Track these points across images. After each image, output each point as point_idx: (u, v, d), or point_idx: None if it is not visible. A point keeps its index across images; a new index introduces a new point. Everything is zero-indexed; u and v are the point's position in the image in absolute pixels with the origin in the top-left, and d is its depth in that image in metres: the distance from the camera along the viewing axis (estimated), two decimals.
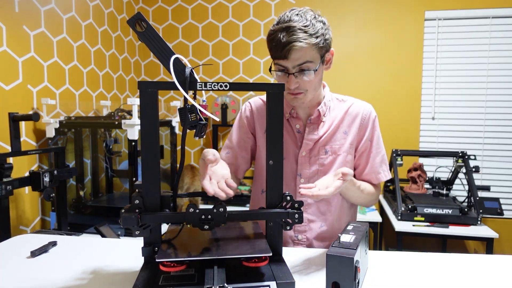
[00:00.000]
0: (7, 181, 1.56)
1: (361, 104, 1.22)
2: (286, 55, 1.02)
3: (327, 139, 1.17)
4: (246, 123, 1.25)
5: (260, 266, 0.79)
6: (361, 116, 1.19)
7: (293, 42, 0.99)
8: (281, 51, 1.02)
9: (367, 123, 1.19)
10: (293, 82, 1.05)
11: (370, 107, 1.22)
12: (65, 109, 2.31)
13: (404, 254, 1.05)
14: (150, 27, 0.79)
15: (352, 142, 1.18)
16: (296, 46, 1.00)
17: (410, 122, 2.98)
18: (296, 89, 1.08)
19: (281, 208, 0.86)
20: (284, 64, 1.04)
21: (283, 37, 1.00)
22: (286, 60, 1.03)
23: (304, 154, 1.17)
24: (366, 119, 1.19)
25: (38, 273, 0.91)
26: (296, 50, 1.01)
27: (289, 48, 1.00)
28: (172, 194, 0.85)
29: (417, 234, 2.25)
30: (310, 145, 1.16)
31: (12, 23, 1.89)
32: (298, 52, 1.01)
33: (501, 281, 0.89)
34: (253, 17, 3.15)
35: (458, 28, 2.89)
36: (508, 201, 2.87)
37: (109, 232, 1.70)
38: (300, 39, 0.99)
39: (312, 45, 1.01)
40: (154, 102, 0.79)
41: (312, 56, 1.03)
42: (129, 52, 3.12)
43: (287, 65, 1.04)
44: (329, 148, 1.17)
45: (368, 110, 1.20)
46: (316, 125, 1.17)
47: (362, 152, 1.20)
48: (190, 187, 2.64)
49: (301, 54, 1.01)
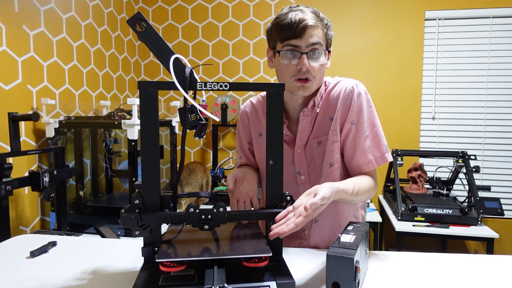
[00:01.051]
0: (7, 181, 1.56)
1: (345, 81, 1.10)
2: (299, 33, 0.99)
3: (317, 131, 1.10)
4: (246, 131, 1.27)
5: (260, 266, 0.79)
6: (343, 95, 1.07)
7: (307, 20, 0.99)
8: (295, 29, 0.99)
9: (349, 103, 1.06)
10: (306, 62, 1.00)
11: (353, 83, 1.08)
12: (64, 109, 2.31)
13: (404, 254, 1.05)
14: (150, 27, 0.79)
15: (334, 128, 1.08)
16: (311, 23, 0.99)
17: (410, 122, 2.98)
18: (306, 73, 1.02)
19: (281, 208, 0.86)
20: (297, 43, 1.00)
21: (295, 15, 1.00)
22: (299, 39, 1.00)
23: (299, 151, 1.13)
24: (348, 98, 1.06)
25: (38, 273, 0.91)
26: (310, 28, 0.99)
27: (304, 26, 0.99)
28: (172, 194, 0.85)
29: (417, 234, 2.25)
30: (304, 141, 1.12)
31: (12, 22, 1.89)
32: (312, 30, 1.00)
33: (501, 281, 0.88)
34: (253, 17, 3.15)
35: (458, 28, 2.89)
36: (508, 201, 2.87)
37: (109, 232, 1.70)
38: (313, 19, 1.00)
39: (322, 28, 1.02)
40: (154, 102, 0.79)
41: (322, 38, 1.02)
42: (129, 52, 3.12)
43: (300, 44, 1.00)
44: (320, 138, 1.10)
45: (350, 87, 1.07)
46: (309, 117, 1.10)
47: (346, 136, 1.08)
48: (185, 184, 2.65)
49: (314, 32, 1.00)
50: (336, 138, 1.08)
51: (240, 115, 1.28)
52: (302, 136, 1.12)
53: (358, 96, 1.07)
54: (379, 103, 2.98)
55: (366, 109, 1.08)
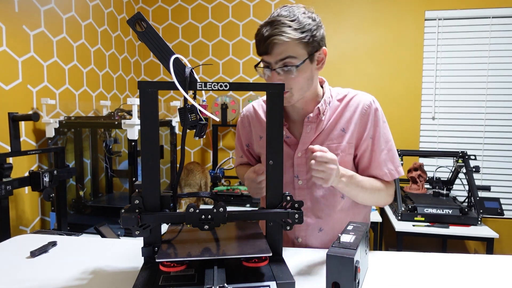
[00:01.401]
0: (7, 181, 1.56)
1: (362, 96, 1.13)
2: (267, 49, 0.99)
3: (323, 138, 1.11)
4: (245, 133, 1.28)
5: (260, 266, 0.79)
6: (360, 110, 1.10)
7: (274, 36, 0.97)
8: (263, 45, 0.99)
9: (367, 118, 1.10)
10: (275, 79, 1.01)
11: (371, 99, 1.12)
12: (65, 109, 2.31)
13: (404, 254, 1.05)
14: (150, 27, 0.79)
15: (350, 140, 1.10)
16: (277, 39, 0.96)
17: (410, 122, 2.98)
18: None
19: (281, 208, 0.86)
20: (267, 60, 1.02)
21: (266, 31, 0.98)
22: (269, 55, 1.00)
23: (299, 155, 1.12)
24: (366, 114, 1.10)
25: (38, 273, 0.91)
26: (277, 44, 0.97)
27: (270, 42, 0.97)
28: (172, 194, 0.85)
29: (417, 234, 2.25)
30: (306, 145, 1.11)
31: (12, 23, 1.89)
32: (280, 47, 0.97)
33: (501, 281, 0.88)
34: (253, 17, 3.15)
35: (458, 28, 2.89)
36: (508, 201, 2.87)
37: (109, 232, 1.70)
38: (282, 33, 0.96)
39: (295, 40, 0.97)
40: (154, 102, 0.79)
41: (295, 51, 0.99)
42: (129, 52, 3.12)
43: (269, 60, 1.01)
44: (326, 147, 1.09)
45: (368, 102, 1.11)
46: (314, 124, 1.11)
47: (364, 150, 1.11)
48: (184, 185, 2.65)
49: (283, 48, 0.98)
50: (351, 151, 1.11)
51: (241, 118, 1.29)
52: (305, 142, 1.12)
53: (375, 112, 1.11)
54: (379, 103, 2.98)
55: (381, 124, 1.12)
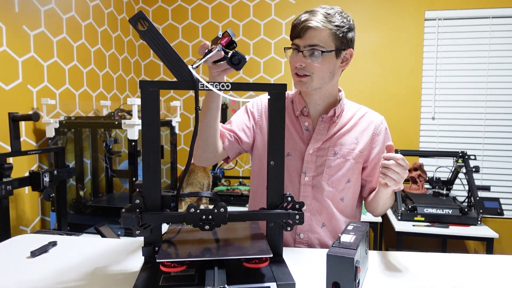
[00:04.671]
0: (7, 181, 1.56)
1: (374, 114, 1.24)
2: (300, 33, 1.06)
3: (336, 140, 1.16)
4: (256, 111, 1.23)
5: (261, 267, 0.79)
6: (374, 126, 1.20)
7: (310, 21, 1.04)
8: (297, 29, 1.07)
9: (378, 136, 1.20)
10: (300, 60, 1.07)
11: (383, 118, 1.24)
12: (65, 109, 2.31)
13: (404, 254, 1.05)
14: (152, 25, 0.79)
15: (362, 150, 1.17)
16: (312, 24, 1.04)
17: (410, 122, 2.98)
18: (302, 70, 1.08)
19: (281, 209, 0.86)
20: (297, 43, 1.08)
21: (303, 17, 1.07)
22: (300, 39, 1.07)
23: (311, 152, 1.16)
24: (378, 131, 1.20)
25: (38, 273, 0.91)
26: (310, 29, 1.04)
27: (305, 25, 1.05)
28: (173, 193, 0.85)
29: (417, 234, 2.25)
30: (318, 144, 1.16)
31: (12, 23, 1.89)
32: (312, 32, 1.04)
33: (501, 281, 0.89)
34: (253, 17, 3.15)
35: (458, 28, 2.89)
36: (508, 201, 2.87)
37: (109, 232, 1.70)
38: (318, 20, 1.04)
39: (328, 30, 1.05)
40: (155, 101, 0.79)
41: (325, 41, 1.05)
42: (129, 52, 3.12)
43: (299, 43, 1.07)
44: (338, 150, 1.16)
45: (381, 121, 1.22)
46: (327, 124, 1.17)
47: (375, 164, 1.20)
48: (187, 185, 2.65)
49: (314, 34, 1.04)
50: (360, 160, 1.18)
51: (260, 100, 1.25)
52: (317, 139, 1.16)
53: (386, 131, 1.23)
54: (379, 103, 2.98)
55: (389, 140, 1.23)
